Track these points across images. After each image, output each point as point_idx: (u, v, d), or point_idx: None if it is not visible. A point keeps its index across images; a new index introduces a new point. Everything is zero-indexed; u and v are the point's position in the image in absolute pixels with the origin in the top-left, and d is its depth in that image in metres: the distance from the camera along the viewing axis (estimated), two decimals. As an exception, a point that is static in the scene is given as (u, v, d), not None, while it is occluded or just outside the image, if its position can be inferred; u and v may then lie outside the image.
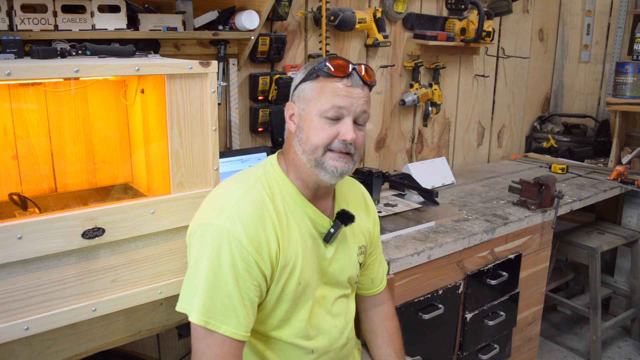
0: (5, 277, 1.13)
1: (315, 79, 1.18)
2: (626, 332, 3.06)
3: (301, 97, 1.20)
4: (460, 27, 2.68)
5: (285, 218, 1.20)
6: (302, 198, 1.23)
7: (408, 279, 1.82)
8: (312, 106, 1.18)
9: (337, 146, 1.17)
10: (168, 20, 1.70)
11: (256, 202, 1.16)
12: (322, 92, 1.17)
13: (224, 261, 1.10)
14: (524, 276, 2.32)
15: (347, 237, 1.33)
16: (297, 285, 1.20)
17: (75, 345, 1.30)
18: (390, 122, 2.71)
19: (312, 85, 1.18)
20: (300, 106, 1.20)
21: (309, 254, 1.23)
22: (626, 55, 3.19)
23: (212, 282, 1.10)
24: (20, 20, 1.42)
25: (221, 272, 1.10)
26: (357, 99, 1.17)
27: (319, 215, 1.25)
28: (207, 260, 1.11)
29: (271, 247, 1.15)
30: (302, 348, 1.25)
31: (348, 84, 1.17)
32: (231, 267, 1.10)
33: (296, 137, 1.21)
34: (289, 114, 1.23)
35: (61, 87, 1.42)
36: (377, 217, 1.47)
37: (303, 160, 1.20)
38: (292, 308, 1.22)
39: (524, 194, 2.33)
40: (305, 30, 2.26)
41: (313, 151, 1.17)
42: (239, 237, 1.11)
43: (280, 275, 1.18)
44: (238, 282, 1.11)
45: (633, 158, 3.01)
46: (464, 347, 2.10)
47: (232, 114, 2.07)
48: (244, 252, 1.11)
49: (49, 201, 1.42)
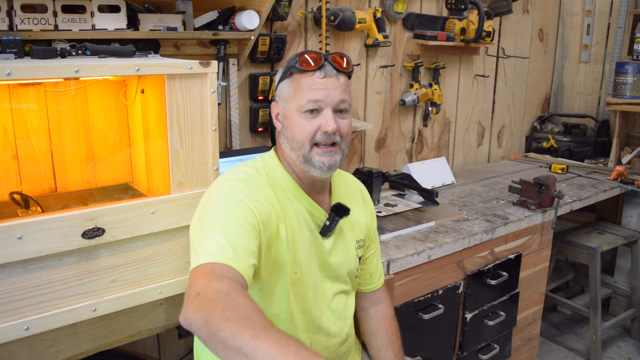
0: (5, 277, 1.14)
1: (290, 76, 1.20)
2: (626, 332, 3.06)
3: (281, 97, 1.22)
4: (460, 27, 2.68)
5: (284, 205, 1.21)
6: (300, 190, 1.24)
7: (408, 279, 1.82)
8: (291, 104, 1.19)
9: (321, 138, 1.18)
10: (168, 20, 1.70)
11: (257, 183, 1.19)
12: (298, 88, 1.18)
13: (227, 196, 1.12)
14: (524, 276, 2.32)
15: (345, 231, 1.33)
16: (291, 268, 1.20)
17: (75, 345, 1.30)
18: (390, 122, 2.71)
19: (288, 83, 1.20)
20: (281, 105, 1.22)
21: (305, 244, 1.23)
22: (626, 55, 3.20)
23: (221, 225, 1.06)
24: (20, 20, 1.42)
25: (230, 212, 1.09)
26: (333, 90, 1.17)
27: (315, 208, 1.26)
28: (218, 193, 1.13)
29: (272, 213, 1.16)
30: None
31: (321, 76, 1.17)
32: (241, 200, 1.11)
33: (283, 135, 1.23)
34: (275, 114, 1.25)
35: (61, 87, 1.42)
36: (374, 211, 1.47)
37: (293, 157, 1.22)
38: (288, 299, 1.21)
39: (524, 194, 2.33)
40: (305, 30, 2.26)
41: (300, 148, 1.19)
42: (245, 192, 1.13)
43: (272, 243, 1.15)
44: (244, 223, 1.08)
45: (633, 158, 3.01)
46: (464, 347, 2.10)
47: (232, 114, 2.07)
48: (251, 200, 1.12)
49: (49, 201, 1.42)
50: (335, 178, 1.36)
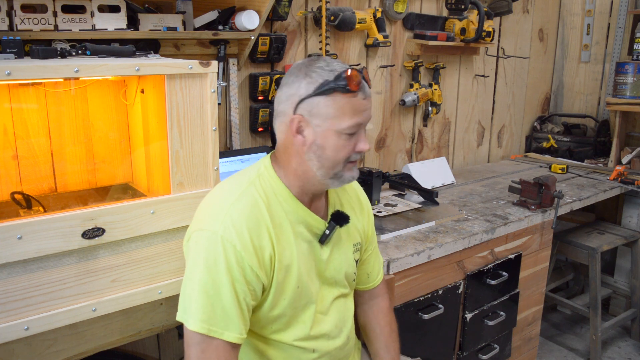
0: (5, 277, 1.13)
1: (330, 94, 1.12)
2: (626, 332, 3.05)
3: (314, 113, 1.13)
4: (460, 27, 2.68)
5: (280, 222, 1.19)
6: (297, 202, 1.22)
7: (408, 279, 1.82)
8: (330, 124, 1.13)
9: (355, 157, 1.19)
10: (168, 20, 1.70)
11: (250, 206, 1.15)
12: (339, 109, 1.13)
13: (220, 267, 1.10)
14: (524, 276, 2.32)
15: (342, 237, 1.33)
16: (295, 289, 1.20)
17: (75, 345, 1.30)
18: (390, 122, 2.71)
19: (328, 101, 1.12)
20: (314, 122, 1.14)
21: (304, 257, 1.23)
22: (626, 55, 3.19)
23: (210, 288, 1.09)
24: (20, 20, 1.42)
25: (218, 278, 1.09)
26: (369, 110, 1.18)
27: (314, 218, 1.25)
28: (202, 266, 1.10)
29: (265, 252, 1.15)
30: (303, 349, 1.25)
31: (363, 97, 1.15)
32: (227, 272, 1.10)
33: (311, 152, 1.17)
34: (296, 126, 1.15)
35: (61, 87, 1.42)
36: (371, 212, 1.46)
37: (315, 173, 1.18)
38: (292, 312, 1.22)
39: (524, 194, 2.33)
40: (305, 30, 2.26)
41: (334, 166, 1.17)
42: (233, 243, 1.10)
43: (276, 279, 1.17)
44: (235, 287, 1.10)
45: (633, 158, 3.01)
46: (464, 347, 2.10)
47: (232, 114, 2.07)
48: (239, 257, 1.11)
49: (49, 201, 1.42)
50: None
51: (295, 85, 1.15)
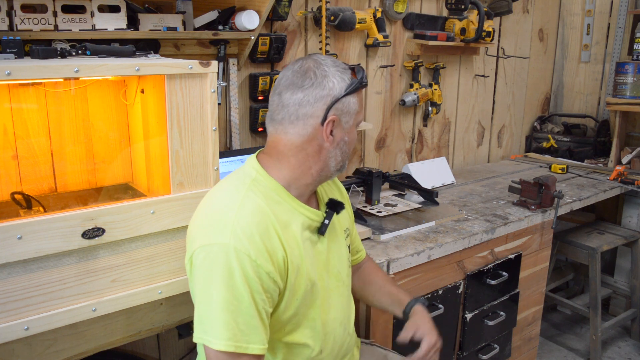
0: (5, 277, 1.14)
1: (356, 91, 1.19)
2: (626, 332, 3.06)
3: (345, 111, 1.17)
4: (460, 27, 2.68)
5: (284, 223, 1.18)
6: (295, 200, 1.22)
7: (408, 279, 1.83)
8: (354, 119, 1.21)
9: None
10: (168, 20, 1.70)
11: (255, 211, 1.13)
12: (360, 104, 1.22)
13: (237, 279, 1.06)
14: (524, 276, 2.32)
15: (335, 226, 1.33)
16: (305, 287, 1.20)
17: (75, 345, 1.30)
18: (390, 122, 2.71)
19: (354, 98, 1.19)
20: (344, 119, 1.18)
21: (309, 254, 1.23)
22: (626, 55, 3.19)
23: (231, 304, 1.06)
24: (20, 20, 1.42)
25: (237, 292, 1.06)
26: None
27: (313, 211, 1.25)
28: (219, 283, 1.06)
29: (278, 255, 1.13)
30: (309, 347, 1.25)
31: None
32: (245, 284, 1.06)
33: (338, 149, 1.20)
34: (329, 129, 1.16)
35: (61, 87, 1.42)
36: (347, 193, 1.50)
37: (331, 168, 1.22)
38: (303, 311, 1.22)
39: (524, 194, 2.33)
40: (305, 30, 2.26)
41: (348, 158, 1.25)
42: (247, 252, 1.07)
43: (289, 280, 1.17)
44: (254, 298, 1.08)
45: (633, 158, 3.01)
46: (464, 347, 2.10)
47: (232, 114, 2.07)
48: (255, 266, 1.07)
49: (49, 201, 1.42)
50: None
51: (320, 87, 1.14)
